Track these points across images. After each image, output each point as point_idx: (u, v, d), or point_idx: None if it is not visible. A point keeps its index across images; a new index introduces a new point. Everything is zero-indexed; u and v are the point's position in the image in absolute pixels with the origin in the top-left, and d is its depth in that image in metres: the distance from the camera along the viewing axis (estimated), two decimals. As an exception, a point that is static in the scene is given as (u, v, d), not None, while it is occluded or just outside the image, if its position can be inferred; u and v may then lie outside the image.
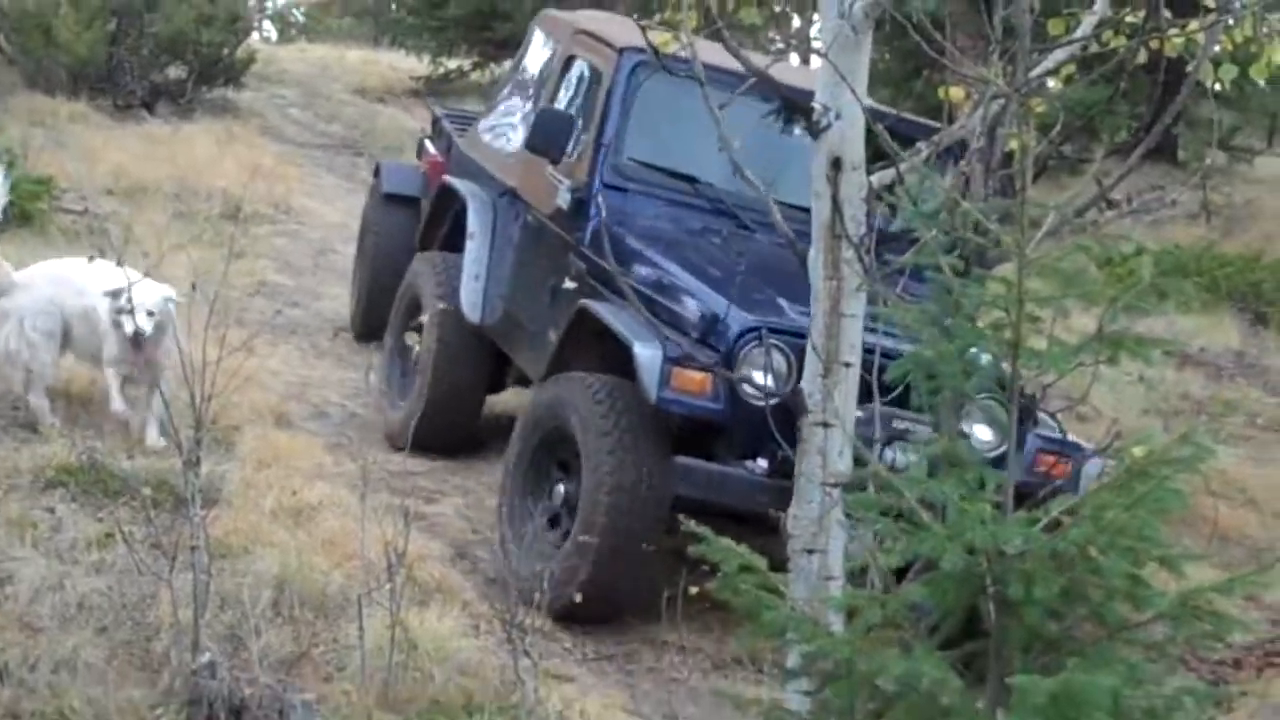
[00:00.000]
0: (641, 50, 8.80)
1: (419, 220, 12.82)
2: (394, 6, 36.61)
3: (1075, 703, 4.68)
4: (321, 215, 18.19)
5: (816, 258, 5.92)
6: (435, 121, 14.21)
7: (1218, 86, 6.50)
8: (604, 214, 9.39)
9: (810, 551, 5.82)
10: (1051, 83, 6.58)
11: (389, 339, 11.75)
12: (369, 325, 13.14)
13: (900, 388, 6.54)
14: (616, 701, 8.01)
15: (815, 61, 9.51)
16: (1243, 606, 8.27)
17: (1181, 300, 5.42)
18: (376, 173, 14.30)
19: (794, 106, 6.15)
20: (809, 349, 5.94)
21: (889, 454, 7.45)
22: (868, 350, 6.03)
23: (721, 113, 6.73)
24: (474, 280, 10.90)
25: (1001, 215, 5.55)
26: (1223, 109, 15.40)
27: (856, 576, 5.67)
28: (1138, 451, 5.12)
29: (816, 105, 5.95)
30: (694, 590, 8.37)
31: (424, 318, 10.84)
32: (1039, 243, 5.11)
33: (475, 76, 28.41)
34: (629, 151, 9.96)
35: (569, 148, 9.99)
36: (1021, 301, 5.02)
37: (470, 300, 10.87)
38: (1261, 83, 6.94)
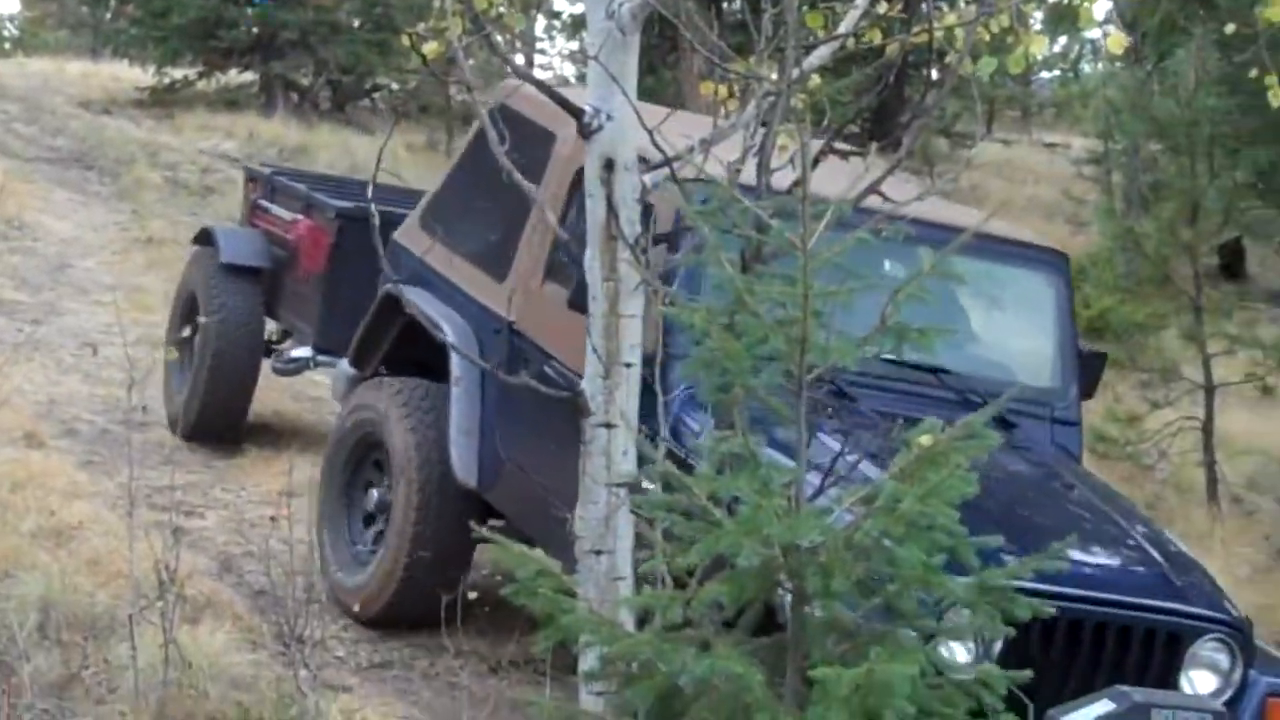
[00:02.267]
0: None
1: (265, 295, 11.76)
2: (110, 17, 36.09)
3: (877, 692, 4.68)
4: (56, 230, 17.87)
5: (593, 258, 5.85)
6: (269, 181, 12.63)
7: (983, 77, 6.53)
8: (679, 399, 7.11)
9: (598, 552, 5.75)
10: (816, 79, 6.57)
11: (333, 487, 9.51)
12: (208, 424, 11.69)
13: None
14: (397, 710, 7.91)
15: (909, 184, 8.72)
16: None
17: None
18: (205, 239, 12.40)
19: (566, 107, 6.07)
20: (588, 350, 5.87)
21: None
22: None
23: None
24: (464, 436, 8.78)
25: (779, 210, 5.53)
26: (945, 96, 15.62)
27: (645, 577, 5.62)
28: (925, 440, 5.12)
29: (587, 107, 5.88)
30: (472, 595, 8.32)
31: (396, 472, 8.95)
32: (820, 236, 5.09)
33: (201, 86, 28.06)
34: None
35: None
36: (807, 296, 4.99)
37: (463, 460, 8.76)
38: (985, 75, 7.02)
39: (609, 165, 5.82)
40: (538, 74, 9.57)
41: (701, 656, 4.92)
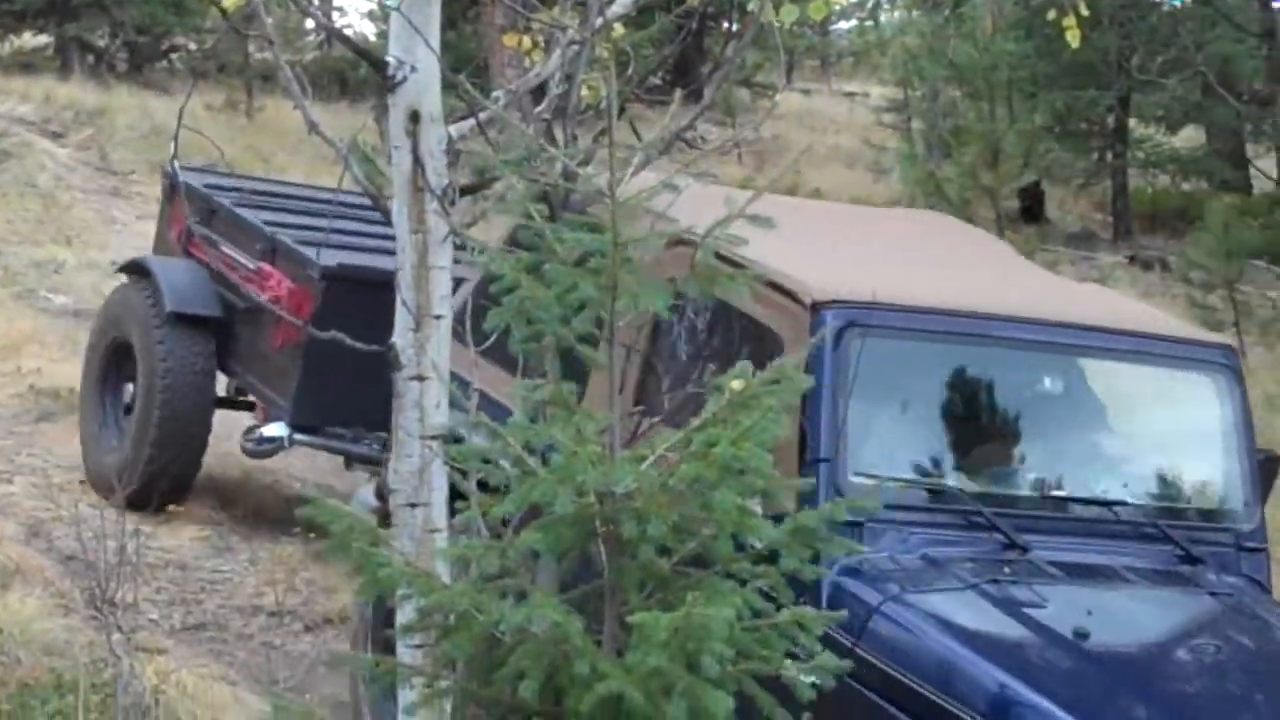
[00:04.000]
0: (845, 303, 6.30)
1: (216, 344, 10.00)
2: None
3: (695, 635, 4.69)
4: None
5: (401, 211, 5.80)
6: (208, 202, 10.46)
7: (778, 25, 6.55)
8: (834, 564, 6.02)
9: (413, 505, 5.71)
10: (619, 28, 6.56)
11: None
12: (155, 488, 9.81)
13: None
14: (213, 671, 7.84)
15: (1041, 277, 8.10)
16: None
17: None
18: (138, 270, 10.53)
19: (368, 59, 6.01)
20: (398, 305, 5.82)
21: None
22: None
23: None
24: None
25: (585, 159, 5.52)
26: (746, 46, 15.69)
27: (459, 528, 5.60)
28: (736, 385, 5.13)
29: (391, 59, 5.82)
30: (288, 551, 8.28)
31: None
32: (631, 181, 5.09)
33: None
34: (855, 463, 6.27)
35: None
36: (616, 243, 4.99)
37: None
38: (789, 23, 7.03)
39: (414, 117, 5.76)
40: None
41: (519, 606, 4.90)
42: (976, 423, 6.66)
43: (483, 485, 5.28)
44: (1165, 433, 7.18)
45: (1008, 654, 5.79)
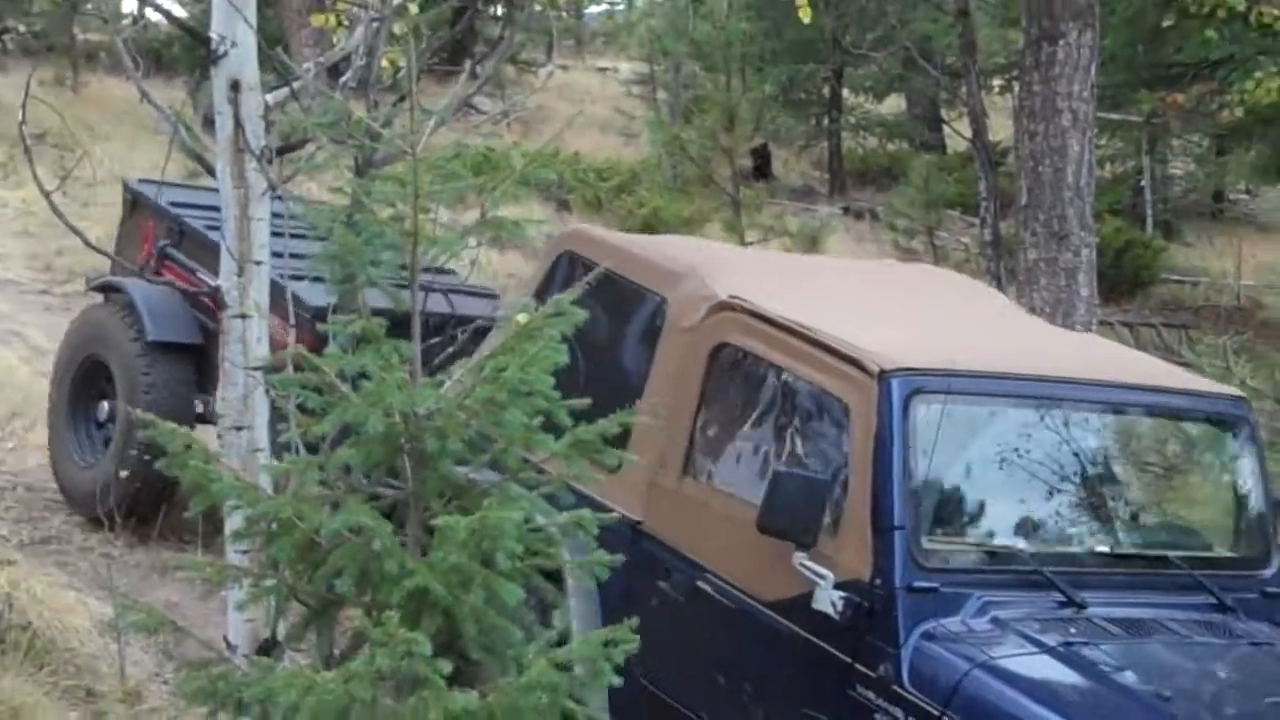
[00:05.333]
0: (910, 370, 5.85)
1: (197, 374, 8.98)
2: None
3: (490, 535, 4.71)
4: None
5: (224, 170, 5.73)
6: (179, 225, 9.24)
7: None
8: (913, 631, 5.56)
9: (239, 428, 5.67)
10: (413, 7, 6.51)
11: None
12: (140, 506, 8.80)
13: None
14: (58, 580, 7.70)
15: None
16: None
17: (544, 187, 5.46)
18: (108, 290, 9.56)
19: (194, 35, 5.91)
20: (223, 251, 5.75)
21: None
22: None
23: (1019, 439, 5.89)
24: None
25: (387, 121, 5.48)
26: (511, 27, 15.69)
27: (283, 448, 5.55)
28: (521, 318, 5.15)
29: (214, 35, 5.73)
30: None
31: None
32: (425, 143, 5.06)
33: None
34: (928, 529, 5.85)
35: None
36: (416, 195, 4.96)
37: None
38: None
39: (235, 86, 5.69)
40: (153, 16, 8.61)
41: (335, 513, 4.89)
42: (1030, 483, 6.19)
43: (302, 409, 5.24)
44: (1194, 484, 6.87)
45: None
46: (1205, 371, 8.14)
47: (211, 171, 5.74)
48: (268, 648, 5.35)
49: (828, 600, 5.65)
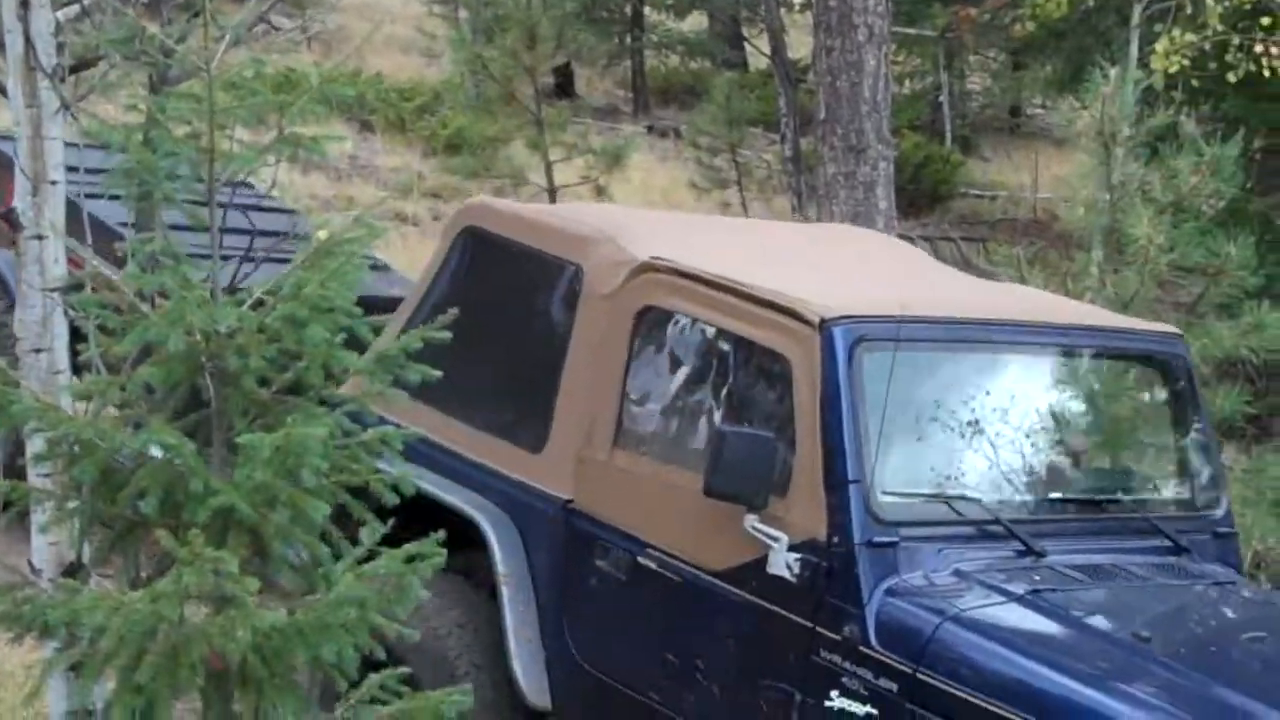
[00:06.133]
0: (853, 318, 5.66)
1: None
2: None
3: (294, 452, 4.72)
4: None
5: (15, 88, 5.61)
6: None
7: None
8: (876, 589, 5.40)
9: (38, 350, 5.59)
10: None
11: None
12: None
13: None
14: None
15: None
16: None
17: (346, 108, 5.43)
18: None
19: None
20: (17, 172, 5.64)
21: None
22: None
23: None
24: (525, 644, 6.26)
25: (182, 37, 5.41)
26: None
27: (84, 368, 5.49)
28: (322, 234, 5.14)
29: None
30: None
31: None
32: (221, 58, 5.00)
33: None
34: (883, 482, 5.58)
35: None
36: (212, 111, 4.92)
37: (529, 674, 6.24)
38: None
39: (24, 3, 5.56)
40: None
41: (138, 433, 4.86)
42: (981, 430, 6.01)
43: (102, 330, 5.18)
44: (1140, 426, 6.71)
45: (1089, 666, 5.17)
46: (999, 280, 8.32)
47: (3, 90, 5.63)
48: (73, 571, 5.31)
49: (783, 563, 5.46)
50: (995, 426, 6.04)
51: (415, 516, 5.98)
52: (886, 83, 11.45)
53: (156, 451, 4.82)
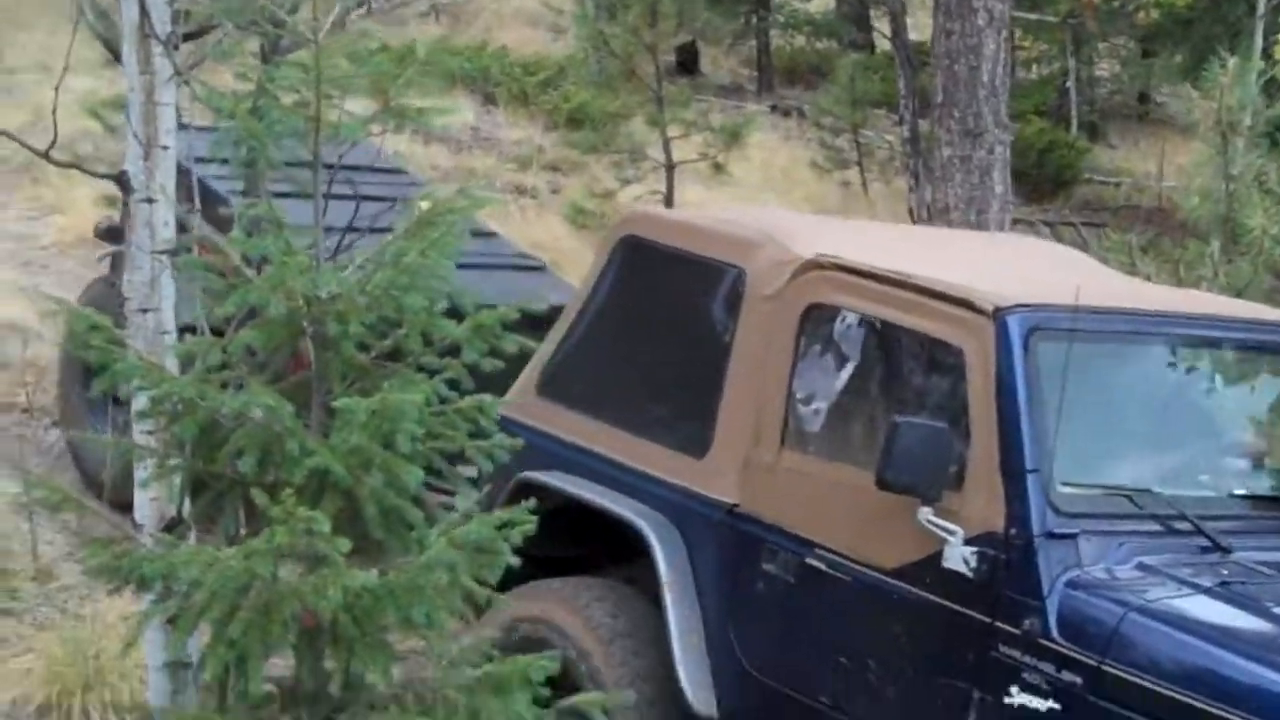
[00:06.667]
0: (1028, 306, 5.56)
1: None
2: None
3: (390, 417, 4.79)
4: None
5: (130, 55, 5.72)
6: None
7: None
8: (1057, 581, 5.23)
9: (145, 311, 5.69)
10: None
11: None
12: None
13: None
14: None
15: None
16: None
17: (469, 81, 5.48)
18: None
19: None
20: (129, 134, 5.75)
21: None
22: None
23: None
24: (691, 651, 6.14)
25: (294, 7, 5.49)
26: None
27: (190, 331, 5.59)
28: (424, 205, 5.20)
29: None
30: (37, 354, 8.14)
31: None
32: (330, 31, 5.08)
33: None
34: (1062, 473, 5.43)
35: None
36: (319, 81, 4.99)
37: (695, 682, 6.10)
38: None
39: (140, -28, 5.67)
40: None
41: (238, 394, 4.96)
42: (1159, 424, 5.96)
43: (206, 292, 5.27)
44: None
45: None
46: (1110, 266, 8.25)
47: (118, 56, 5.73)
48: (173, 527, 5.42)
49: (959, 557, 5.31)
50: (1173, 421, 5.97)
51: (578, 527, 6.43)
52: (1005, 66, 11.39)
53: (257, 412, 4.91)
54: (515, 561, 4.97)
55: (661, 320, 6.65)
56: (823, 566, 5.81)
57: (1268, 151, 9.04)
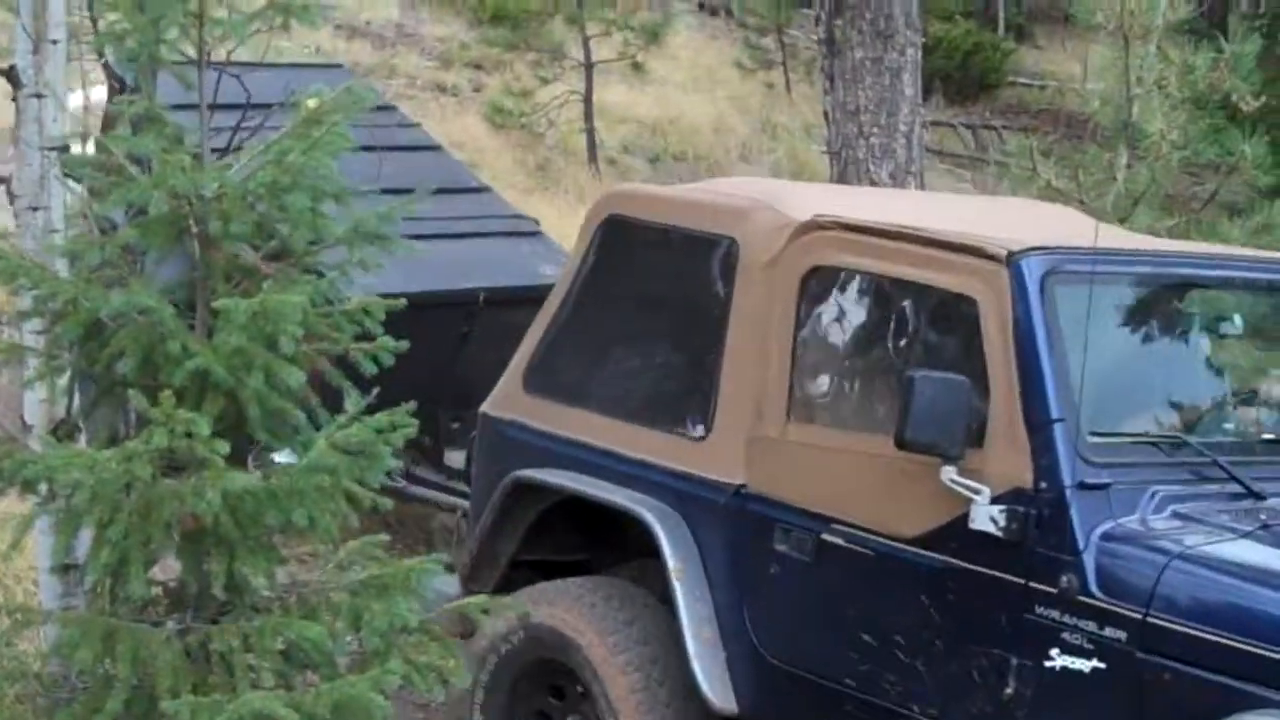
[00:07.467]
0: (1043, 249, 5.26)
1: None
2: None
3: (272, 318, 4.75)
4: None
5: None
6: None
7: None
8: (1091, 534, 4.93)
9: (34, 209, 5.61)
10: None
11: None
12: None
13: None
14: None
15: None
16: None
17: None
18: None
19: None
20: (18, 29, 5.65)
21: None
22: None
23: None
24: (705, 645, 5.77)
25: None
26: None
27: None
28: (311, 103, 5.13)
29: None
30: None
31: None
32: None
33: None
34: (1090, 422, 5.10)
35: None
36: (204, -24, 4.92)
37: (711, 677, 5.74)
38: None
39: None
40: None
41: (120, 294, 4.90)
42: (1187, 369, 5.72)
43: (91, 191, 5.21)
44: None
45: None
46: (1012, 171, 8.25)
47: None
48: (60, 428, 5.37)
49: (986, 517, 4.98)
50: (1196, 366, 5.78)
51: (580, 522, 6.22)
52: (919, -33, 11.29)
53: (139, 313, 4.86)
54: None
55: (650, 301, 6.34)
56: (840, 542, 5.47)
57: (1168, 57, 8.99)
